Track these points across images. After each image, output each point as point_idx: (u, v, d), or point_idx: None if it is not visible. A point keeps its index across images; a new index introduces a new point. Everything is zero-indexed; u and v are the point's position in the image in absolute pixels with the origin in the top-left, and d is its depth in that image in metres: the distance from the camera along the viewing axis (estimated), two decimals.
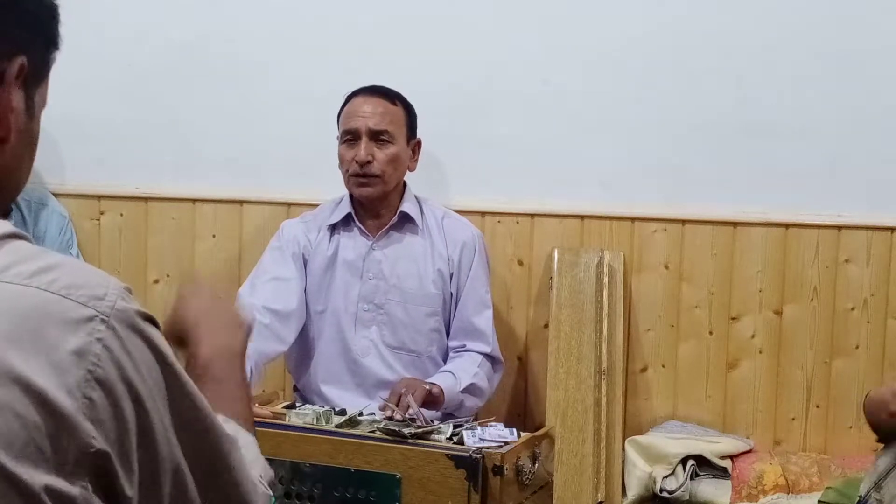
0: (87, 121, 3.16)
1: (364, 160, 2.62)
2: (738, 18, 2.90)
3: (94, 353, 0.80)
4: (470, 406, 2.64)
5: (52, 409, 0.77)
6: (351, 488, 1.98)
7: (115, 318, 0.82)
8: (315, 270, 2.71)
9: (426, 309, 2.71)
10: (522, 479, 2.01)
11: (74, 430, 0.78)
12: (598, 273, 2.92)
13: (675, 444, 2.79)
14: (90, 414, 0.79)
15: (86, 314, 0.81)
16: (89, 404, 0.79)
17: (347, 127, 2.67)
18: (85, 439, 0.79)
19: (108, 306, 0.82)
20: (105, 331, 0.81)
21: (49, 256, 0.84)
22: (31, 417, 0.77)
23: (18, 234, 0.85)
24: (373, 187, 2.65)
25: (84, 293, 0.82)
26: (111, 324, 0.81)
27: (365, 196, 2.67)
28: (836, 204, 2.90)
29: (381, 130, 2.65)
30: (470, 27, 3.02)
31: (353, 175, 2.64)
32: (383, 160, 2.64)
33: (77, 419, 0.78)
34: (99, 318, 0.81)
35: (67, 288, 0.81)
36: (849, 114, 2.87)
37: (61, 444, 0.78)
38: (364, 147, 2.62)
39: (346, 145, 2.67)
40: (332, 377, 2.71)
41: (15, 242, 0.84)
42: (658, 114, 2.96)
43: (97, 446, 0.79)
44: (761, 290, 2.93)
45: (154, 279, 3.21)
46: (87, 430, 0.79)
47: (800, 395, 2.93)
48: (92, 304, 0.81)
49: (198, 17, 3.14)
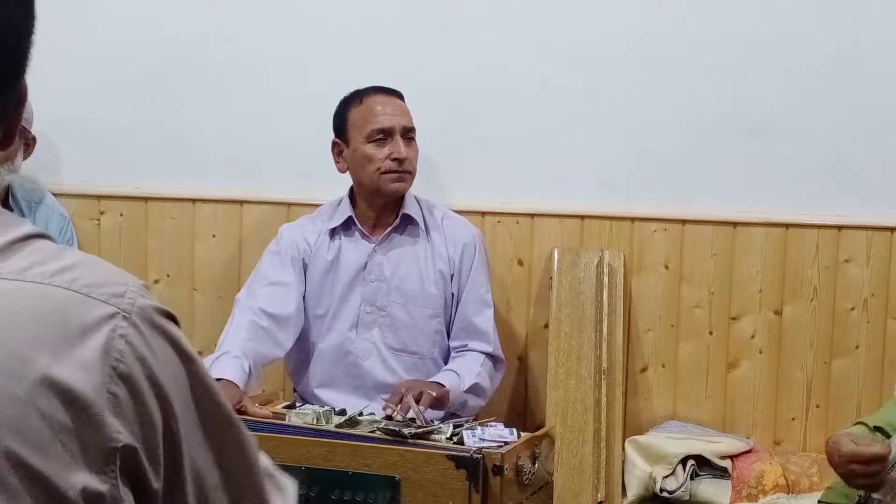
0: (86, 121, 3.16)
1: (405, 156, 2.65)
2: (737, 18, 2.90)
3: (117, 350, 0.81)
4: (473, 405, 2.64)
5: (78, 408, 0.78)
6: (349, 491, 1.98)
7: (136, 314, 0.83)
8: (315, 274, 2.71)
9: (428, 310, 2.71)
10: (522, 479, 2.01)
11: (100, 426, 0.79)
12: (598, 273, 2.92)
13: (675, 444, 2.79)
14: (115, 410, 0.80)
15: (108, 312, 0.82)
16: (114, 400, 0.80)
17: (379, 126, 2.66)
18: (111, 435, 0.79)
19: (128, 303, 0.83)
20: (127, 327, 0.82)
21: (69, 255, 0.85)
22: (57, 417, 0.77)
23: (41, 233, 0.86)
24: (406, 182, 2.69)
25: (105, 291, 0.83)
26: (133, 320, 0.82)
27: (399, 191, 2.69)
28: (836, 204, 2.90)
29: (410, 128, 2.70)
30: (470, 27, 3.02)
31: (388, 172, 2.65)
32: (414, 157, 2.69)
33: (102, 415, 0.79)
34: (121, 314, 0.82)
35: (88, 287, 0.82)
36: (849, 114, 2.87)
37: (88, 441, 0.79)
38: (402, 145, 2.65)
39: (376, 144, 2.66)
40: (331, 380, 2.71)
41: (37, 242, 0.85)
42: (658, 114, 2.96)
43: (123, 441, 0.80)
44: (761, 290, 2.93)
45: (154, 279, 3.21)
46: (112, 425, 0.79)
47: (800, 395, 2.93)
48: (113, 301, 0.82)
49: (198, 17, 3.14)
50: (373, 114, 2.68)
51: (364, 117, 2.68)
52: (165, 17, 3.15)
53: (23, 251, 0.83)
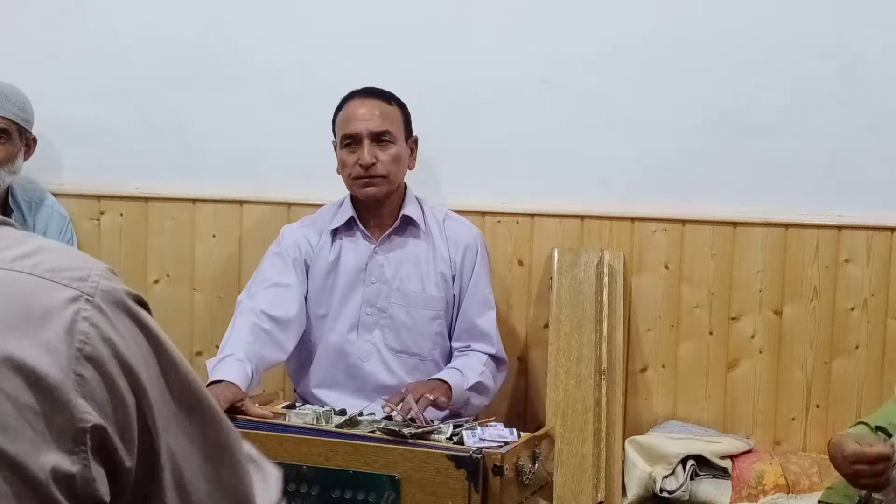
0: (86, 121, 3.16)
1: (368, 162, 2.61)
2: (737, 18, 2.90)
3: (81, 332, 0.81)
4: (476, 404, 2.64)
5: (44, 389, 0.78)
6: (349, 490, 1.98)
7: (99, 297, 0.83)
8: (317, 275, 2.71)
9: (429, 312, 2.71)
10: (522, 479, 2.01)
11: (68, 407, 0.79)
12: (598, 273, 2.92)
13: (675, 444, 2.79)
14: (83, 391, 0.80)
15: (70, 295, 0.82)
16: (81, 381, 0.80)
17: (347, 131, 2.65)
18: (79, 416, 0.79)
19: (91, 286, 0.83)
20: (91, 310, 0.82)
21: (32, 241, 0.85)
22: (22, 398, 0.78)
23: (4, 221, 0.87)
24: (378, 186, 2.64)
25: (67, 275, 0.83)
26: (96, 303, 0.82)
27: (371, 196, 2.65)
28: (836, 204, 2.90)
29: (382, 131, 2.64)
30: (470, 27, 3.02)
31: (357, 178, 2.64)
32: (387, 161, 2.63)
33: (69, 396, 0.79)
34: (83, 297, 0.82)
35: (51, 271, 0.82)
36: (849, 114, 2.87)
37: (56, 422, 0.79)
38: (367, 150, 2.62)
39: (348, 150, 2.66)
40: (332, 381, 2.71)
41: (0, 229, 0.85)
42: (658, 114, 2.96)
43: (93, 421, 0.80)
44: (761, 290, 2.93)
45: (154, 279, 3.20)
46: (80, 406, 0.79)
47: (800, 395, 2.93)
48: (76, 285, 0.82)
49: (198, 17, 3.14)
50: (345, 119, 2.68)
51: (341, 122, 2.69)
52: (165, 17, 3.14)
53: None
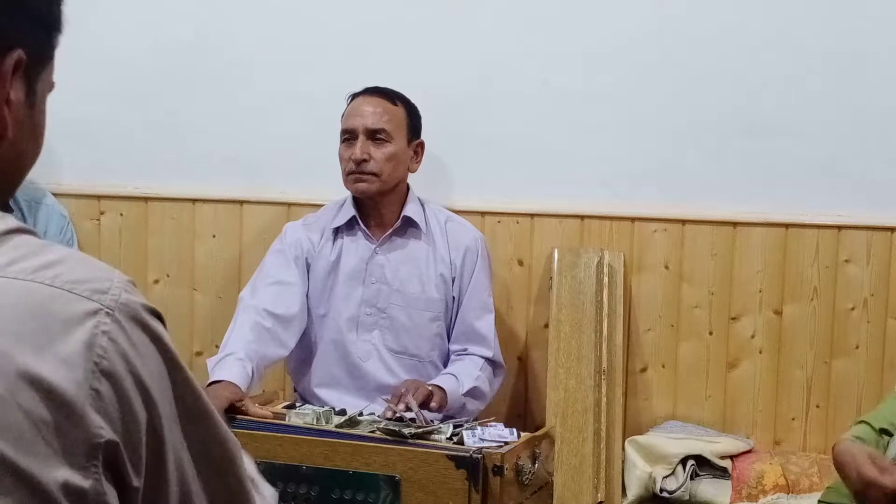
0: (86, 121, 3.16)
1: (359, 158, 2.62)
2: (737, 18, 2.90)
3: (99, 346, 0.80)
4: (472, 409, 2.64)
5: (60, 403, 0.78)
6: (349, 490, 1.98)
7: (119, 311, 0.82)
8: (318, 274, 2.71)
9: (429, 314, 2.71)
10: (522, 479, 2.01)
11: (82, 422, 0.79)
12: (598, 273, 2.91)
13: (675, 444, 2.79)
14: (97, 406, 0.79)
15: (90, 308, 0.81)
16: (96, 396, 0.79)
17: (346, 126, 2.69)
18: (93, 431, 0.79)
19: (112, 300, 0.82)
20: (110, 324, 0.81)
21: (53, 251, 0.84)
22: (38, 412, 0.77)
23: (24, 228, 0.86)
24: (368, 183, 2.64)
25: (88, 287, 0.82)
26: (116, 317, 0.82)
27: (361, 192, 2.66)
28: (836, 204, 2.90)
29: (377, 129, 2.65)
30: (470, 27, 3.02)
31: (349, 173, 2.65)
32: (380, 159, 2.64)
33: (84, 411, 0.79)
34: (104, 311, 0.81)
35: (72, 283, 0.82)
36: (849, 114, 2.87)
37: (70, 437, 0.78)
38: (360, 146, 2.63)
39: (345, 144, 2.68)
40: (332, 381, 2.71)
41: (20, 237, 0.84)
42: (658, 114, 2.96)
43: (106, 437, 0.80)
44: (761, 290, 2.93)
45: (154, 279, 3.20)
46: (95, 421, 0.79)
47: (800, 395, 2.93)
48: (96, 297, 0.82)
49: (197, 17, 3.14)
50: (347, 114, 2.71)
51: (344, 117, 2.73)
52: (165, 18, 3.15)
53: (5, 246, 0.83)
